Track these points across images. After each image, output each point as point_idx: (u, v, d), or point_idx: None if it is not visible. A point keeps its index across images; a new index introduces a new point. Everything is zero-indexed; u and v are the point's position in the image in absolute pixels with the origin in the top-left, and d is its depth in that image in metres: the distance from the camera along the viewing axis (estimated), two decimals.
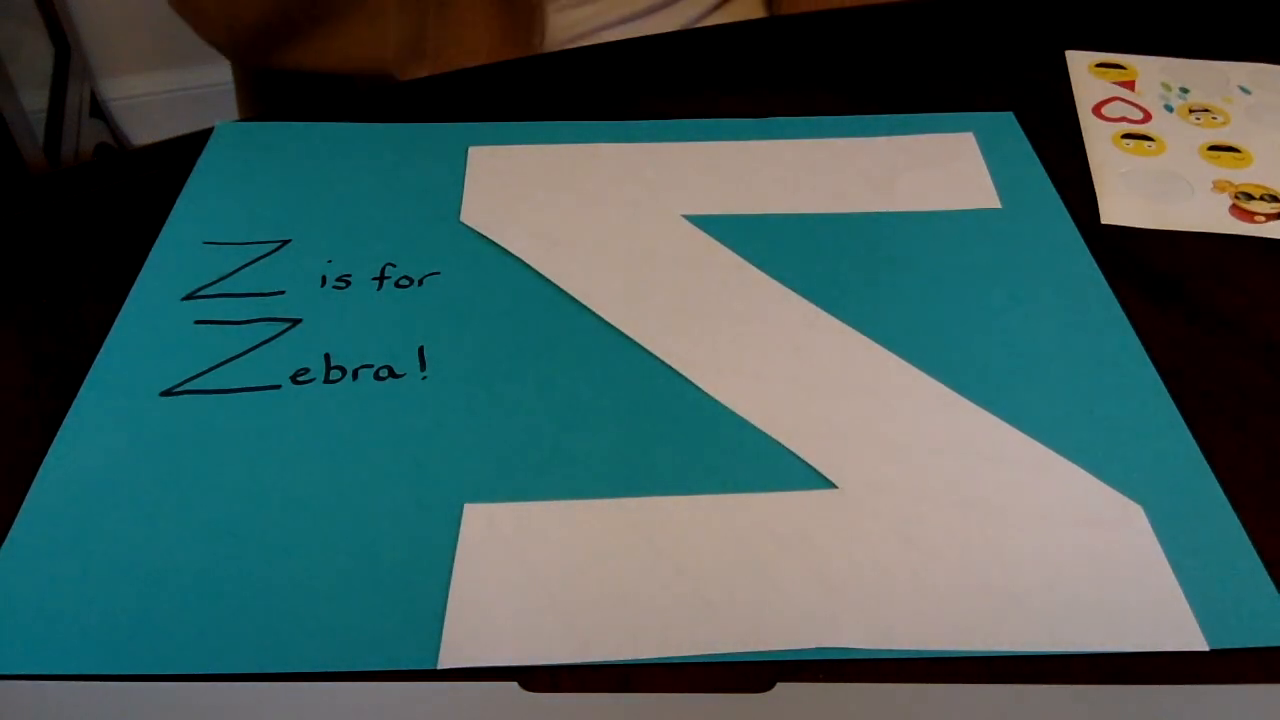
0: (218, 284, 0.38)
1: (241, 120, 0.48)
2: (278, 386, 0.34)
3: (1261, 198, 0.43)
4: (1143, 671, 0.27)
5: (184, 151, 0.45)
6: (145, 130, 1.63)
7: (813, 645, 0.27)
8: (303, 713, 0.26)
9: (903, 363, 0.35)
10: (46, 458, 0.32)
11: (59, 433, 0.33)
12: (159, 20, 1.57)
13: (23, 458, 0.32)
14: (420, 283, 0.38)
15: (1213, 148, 0.46)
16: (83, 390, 0.34)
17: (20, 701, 0.26)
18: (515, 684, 0.26)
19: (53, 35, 1.50)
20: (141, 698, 0.26)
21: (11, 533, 0.30)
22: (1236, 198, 0.43)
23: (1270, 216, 0.42)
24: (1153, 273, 0.39)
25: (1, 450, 0.33)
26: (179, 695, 0.26)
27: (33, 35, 1.47)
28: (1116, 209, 0.42)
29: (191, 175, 0.43)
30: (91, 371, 0.35)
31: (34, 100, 1.32)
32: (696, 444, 0.32)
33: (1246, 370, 0.35)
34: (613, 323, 0.36)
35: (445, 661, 0.27)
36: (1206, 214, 0.42)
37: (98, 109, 1.57)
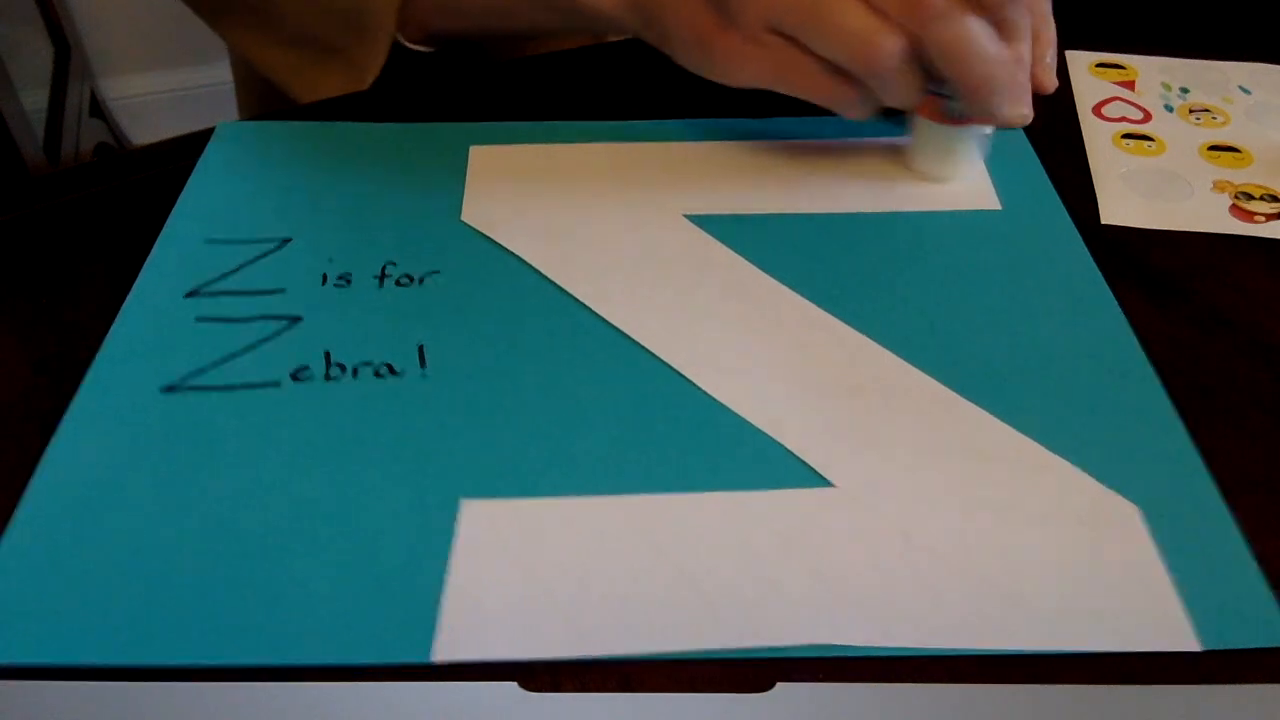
0: (219, 281, 0.38)
1: (241, 120, 0.48)
2: (277, 383, 0.34)
3: (1261, 198, 0.43)
4: (1137, 671, 0.27)
5: (184, 151, 0.45)
6: (145, 130, 1.63)
7: (809, 642, 0.27)
8: (302, 713, 0.26)
9: (901, 362, 0.35)
10: (46, 452, 0.32)
11: (59, 427, 0.33)
12: (159, 20, 1.57)
13: (22, 457, 0.32)
14: (421, 281, 0.38)
15: (1213, 148, 0.46)
16: (84, 385, 0.34)
17: (20, 701, 0.26)
18: (515, 684, 0.26)
19: (53, 35, 1.50)
20: (141, 698, 0.26)
21: (11, 526, 0.30)
22: (1236, 198, 0.43)
23: (1270, 216, 0.42)
24: (1153, 273, 0.39)
25: (1, 450, 0.33)
26: (178, 695, 0.26)
27: (33, 35, 1.47)
28: (1116, 209, 0.42)
29: (193, 173, 0.43)
30: (93, 367, 0.35)
31: (34, 100, 1.32)
32: (694, 442, 0.32)
33: (1246, 370, 0.35)
34: (612, 321, 0.36)
35: (439, 655, 0.27)
36: (1206, 214, 0.42)
37: (98, 109, 1.57)
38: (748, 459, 0.32)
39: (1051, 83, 0.48)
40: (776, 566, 0.29)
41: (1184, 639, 0.27)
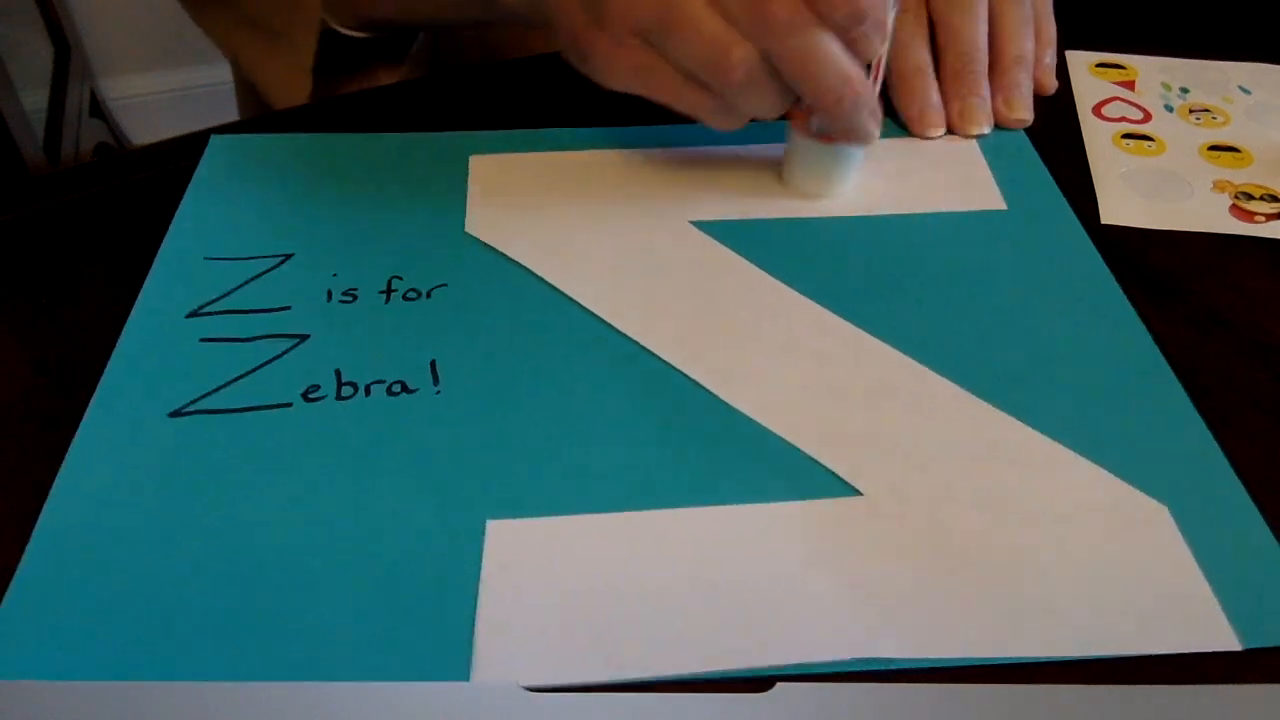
0: (221, 300, 0.37)
1: (241, 120, 0.48)
2: (289, 404, 0.33)
3: (1261, 198, 0.43)
4: (1169, 669, 0.27)
5: (184, 151, 0.45)
6: (145, 130, 1.63)
7: (849, 656, 0.27)
8: (303, 713, 0.26)
9: (919, 366, 0.35)
10: (55, 482, 0.31)
11: (67, 456, 0.32)
12: (159, 20, 1.57)
13: (22, 458, 0.32)
14: (428, 295, 0.38)
15: (1213, 148, 0.46)
16: (89, 412, 0.33)
17: (20, 701, 0.26)
18: (515, 683, 0.26)
19: (53, 35, 1.50)
20: (141, 698, 0.26)
21: (24, 560, 0.29)
22: (1236, 198, 0.43)
23: (1270, 216, 0.42)
24: (1153, 273, 0.39)
25: (1, 450, 0.33)
26: (178, 695, 0.26)
27: (33, 35, 1.47)
28: (1116, 209, 0.42)
29: (188, 190, 0.42)
30: (97, 392, 0.34)
31: (34, 100, 1.32)
32: (718, 453, 0.32)
33: (1244, 370, 0.35)
34: (626, 332, 0.36)
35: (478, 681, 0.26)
36: (1206, 214, 0.42)
37: (98, 109, 1.57)
38: (774, 469, 0.32)
39: (1051, 83, 0.48)
40: (810, 580, 0.29)
41: (1224, 639, 0.27)
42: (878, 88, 0.39)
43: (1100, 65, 0.51)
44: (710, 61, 0.36)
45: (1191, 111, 0.48)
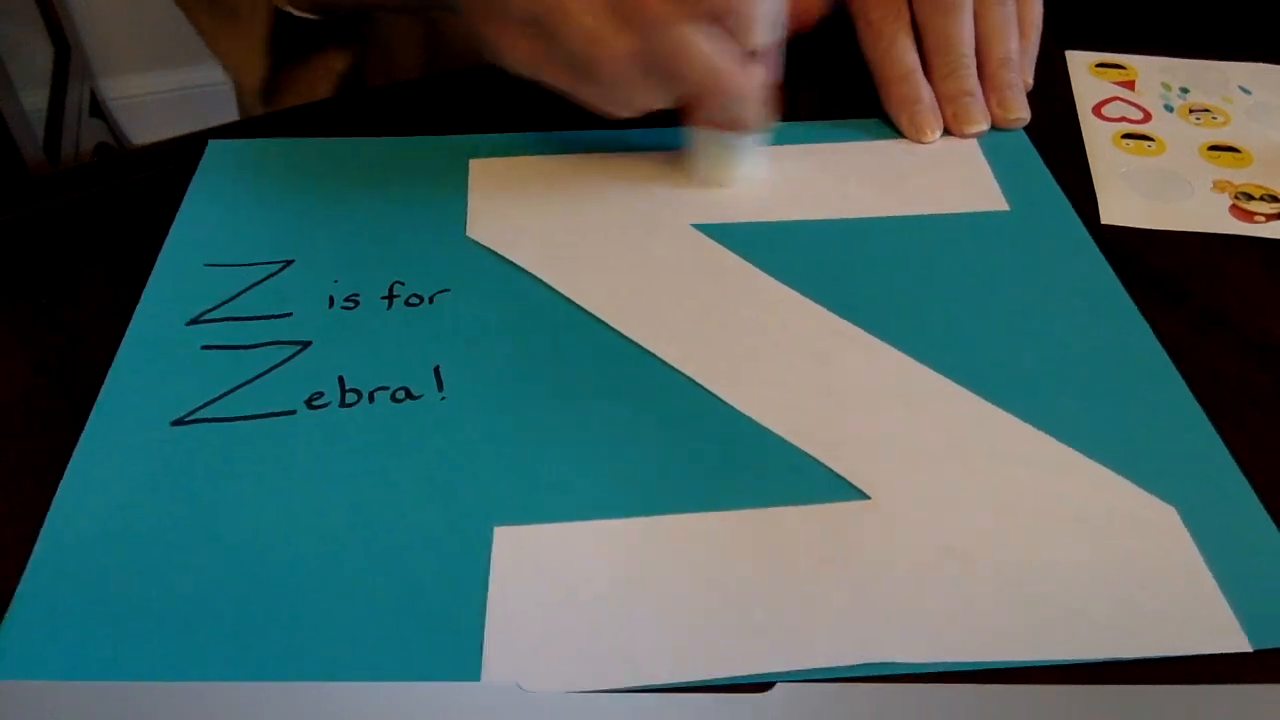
0: (222, 307, 0.37)
1: (240, 120, 0.48)
2: (292, 412, 0.33)
3: (1261, 198, 0.43)
4: (1178, 671, 0.27)
5: (184, 151, 0.45)
6: (145, 130, 1.63)
7: (858, 661, 0.27)
8: (304, 712, 0.26)
9: (925, 368, 0.35)
10: (58, 491, 0.31)
11: (69, 465, 0.32)
12: (159, 20, 1.57)
13: (22, 458, 0.32)
14: (431, 300, 0.37)
15: (1213, 148, 0.46)
16: (91, 421, 0.33)
17: (21, 701, 0.26)
18: (515, 684, 0.26)
19: (53, 35, 1.50)
20: (141, 698, 0.26)
21: (29, 566, 0.29)
22: (1236, 198, 0.43)
23: (1270, 216, 0.42)
24: (1152, 273, 0.39)
25: (1, 450, 0.33)
26: (178, 695, 0.26)
27: (33, 35, 1.47)
28: (1116, 209, 0.42)
29: (187, 195, 0.42)
30: (99, 401, 0.34)
31: (34, 100, 1.32)
32: (725, 458, 0.32)
33: (1246, 370, 0.35)
34: (629, 336, 0.36)
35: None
36: (1206, 214, 0.42)
37: (98, 109, 1.57)
38: (780, 473, 0.31)
39: (1028, 79, 0.48)
40: (818, 584, 0.28)
41: (1234, 640, 0.27)
42: (770, 76, 0.38)
43: (1100, 65, 0.51)
44: (587, 54, 0.36)
45: (1191, 111, 0.48)
